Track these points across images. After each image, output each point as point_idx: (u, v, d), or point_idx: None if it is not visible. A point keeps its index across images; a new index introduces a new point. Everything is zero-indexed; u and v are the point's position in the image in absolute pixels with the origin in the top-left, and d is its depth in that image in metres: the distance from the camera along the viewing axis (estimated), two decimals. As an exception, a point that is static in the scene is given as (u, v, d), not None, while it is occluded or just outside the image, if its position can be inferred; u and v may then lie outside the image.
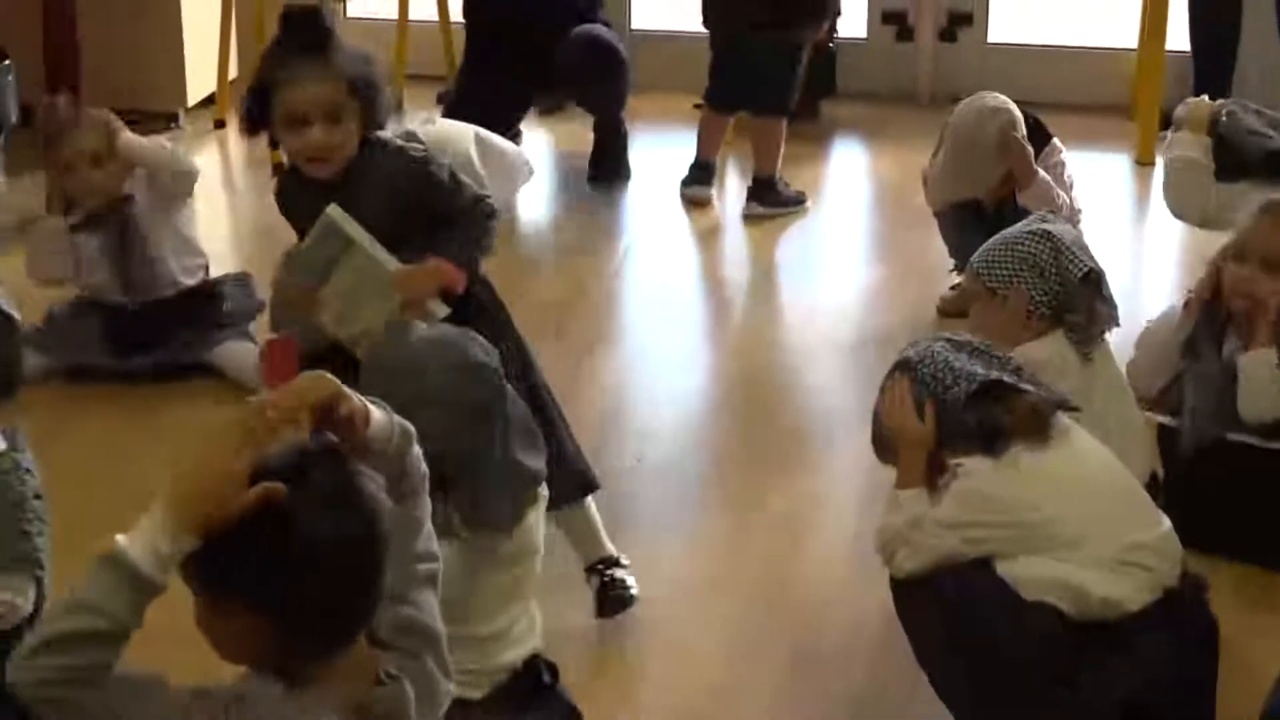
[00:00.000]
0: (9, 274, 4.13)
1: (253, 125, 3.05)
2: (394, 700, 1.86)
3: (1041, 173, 4.10)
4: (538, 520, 2.56)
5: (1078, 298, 3.08)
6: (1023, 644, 2.64)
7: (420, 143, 3.16)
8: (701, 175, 5.00)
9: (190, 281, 4.04)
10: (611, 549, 3.16)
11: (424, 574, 1.93)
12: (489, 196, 3.09)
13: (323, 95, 2.94)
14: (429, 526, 1.94)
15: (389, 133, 3.13)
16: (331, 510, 1.78)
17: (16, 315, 2.66)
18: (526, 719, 2.48)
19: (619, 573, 3.13)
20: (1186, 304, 3.40)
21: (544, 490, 2.55)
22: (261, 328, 3.91)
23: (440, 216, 3.00)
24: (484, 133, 4.57)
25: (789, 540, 3.46)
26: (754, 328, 4.55)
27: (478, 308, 3.04)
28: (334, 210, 2.92)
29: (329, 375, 1.83)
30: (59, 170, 3.96)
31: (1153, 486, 3.07)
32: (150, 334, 4.02)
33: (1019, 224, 3.26)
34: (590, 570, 3.10)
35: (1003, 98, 4.17)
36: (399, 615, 1.88)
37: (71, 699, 1.77)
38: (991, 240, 3.24)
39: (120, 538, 1.77)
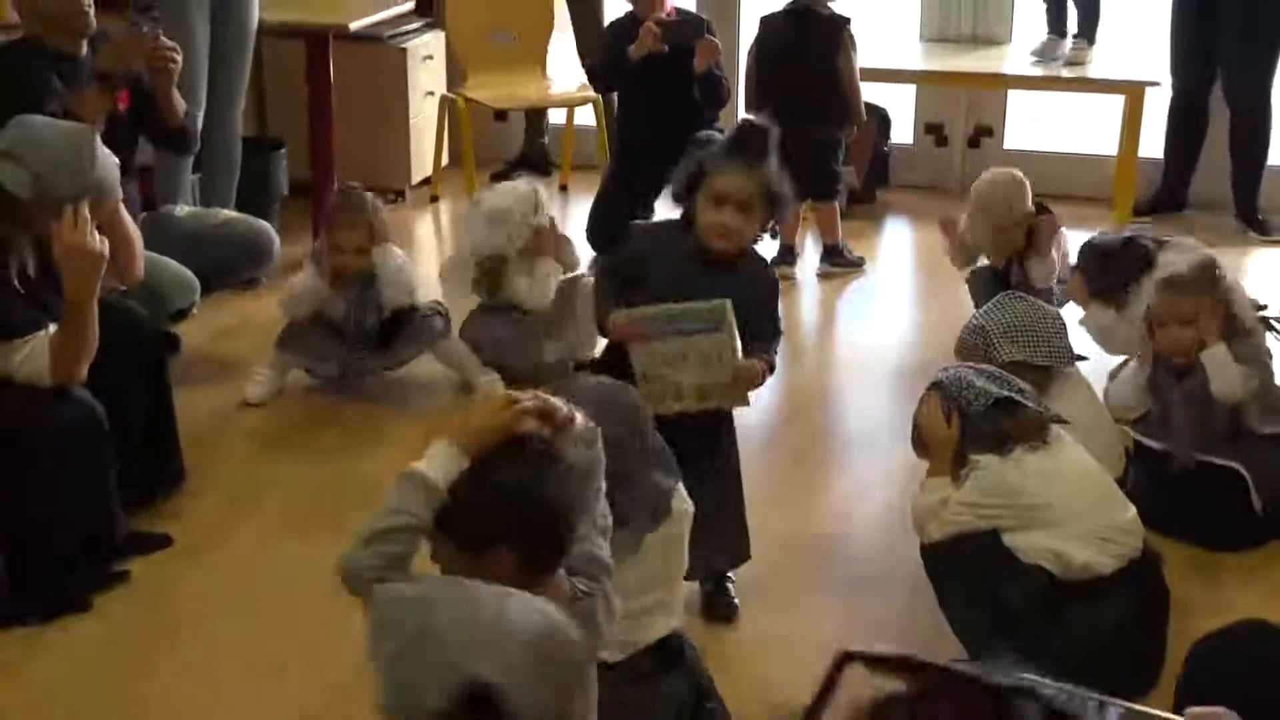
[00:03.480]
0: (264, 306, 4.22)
1: (681, 197, 2.89)
2: (588, 611, 1.87)
3: (1054, 254, 4.02)
4: (679, 530, 2.41)
5: (1010, 371, 3.01)
6: (1022, 596, 2.64)
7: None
8: (786, 257, 4.96)
9: (406, 302, 4.00)
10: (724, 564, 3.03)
11: (601, 524, 1.98)
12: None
13: (743, 187, 2.80)
14: (604, 493, 2.00)
15: None
16: (562, 470, 1.86)
17: None
18: (654, 688, 2.37)
19: (730, 586, 3.01)
20: (1139, 359, 3.36)
21: (687, 506, 2.41)
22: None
23: (763, 332, 2.85)
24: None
25: (845, 514, 3.47)
26: (822, 357, 4.53)
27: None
28: (728, 306, 2.74)
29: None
30: (330, 248, 3.96)
31: (1120, 483, 3.05)
32: (374, 344, 3.99)
33: (984, 307, 3.27)
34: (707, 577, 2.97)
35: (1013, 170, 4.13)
36: (584, 550, 1.93)
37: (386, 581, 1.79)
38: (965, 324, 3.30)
39: (414, 464, 1.84)
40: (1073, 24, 5.42)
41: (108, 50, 3.74)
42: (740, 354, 2.78)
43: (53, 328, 2.99)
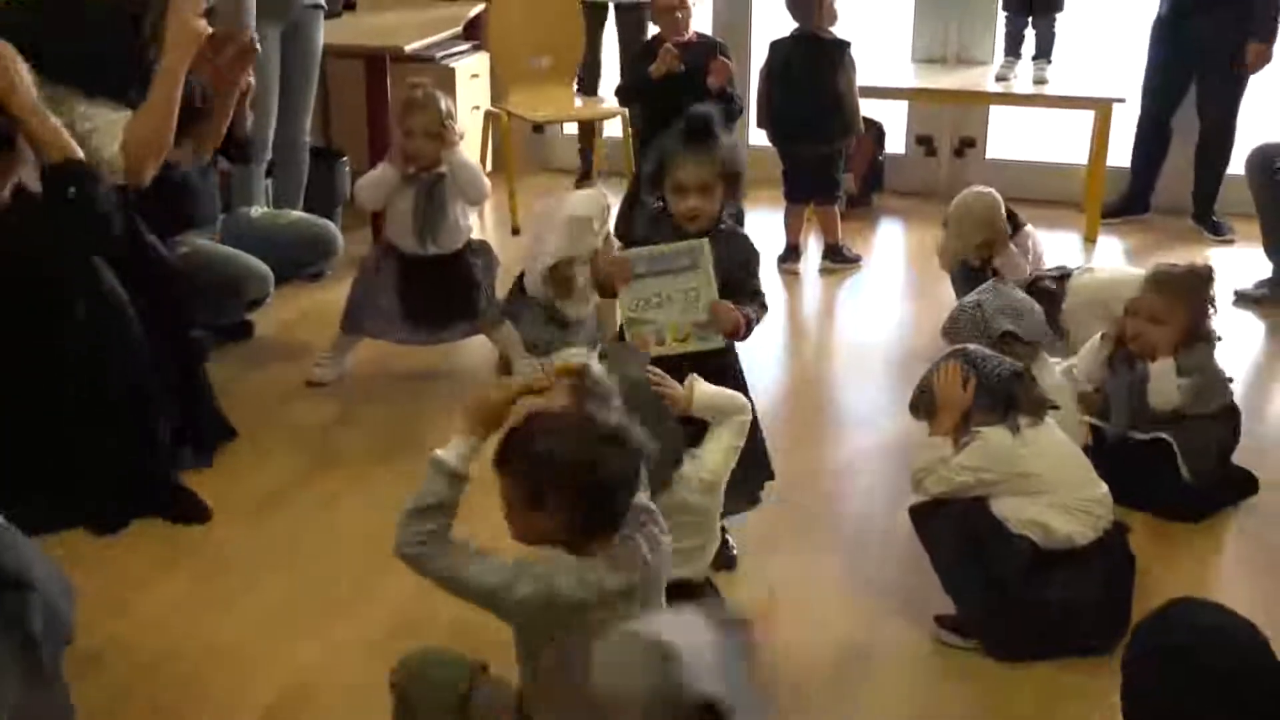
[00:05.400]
0: (329, 296, 4.20)
1: (651, 187, 2.87)
2: (630, 551, 1.89)
3: (1011, 247, 4.00)
4: (711, 496, 2.43)
5: (999, 347, 3.02)
6: (1007, 562, 2.61)
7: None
8: (792, 255, 4.94)
9: (459, 245, 3.87)
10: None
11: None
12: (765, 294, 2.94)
13: (700, 174, 2.77)
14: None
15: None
16: (620, 446, 1.87)
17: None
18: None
19: (729, 539, 2.95)
20: (1103, 336, 3.29)
21: (704, 475, 2.43)
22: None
23: (743, 290, 2.84)
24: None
25: (843, 482, 3.44)
26: (824, 343, 4.49)
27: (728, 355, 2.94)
28: (705, 244, 2.77)
29: (583, 356, 1.95)
30: (405, 134, 3.78)
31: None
32: (433, 283, 3.84)
33: (977, 290, 3.25)
34: None
35: (989, 189, 4.11)
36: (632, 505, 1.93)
37: (427, 553, 1.88)
38: (957, 304, 3.31)
39: (437, 450, 1.93)
40: (1029, 48, 5.37)
41: (224, 65, 3.71)
42: (716, 294, 2.77)
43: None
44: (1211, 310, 3.22)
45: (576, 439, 1.85)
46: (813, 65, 4.70)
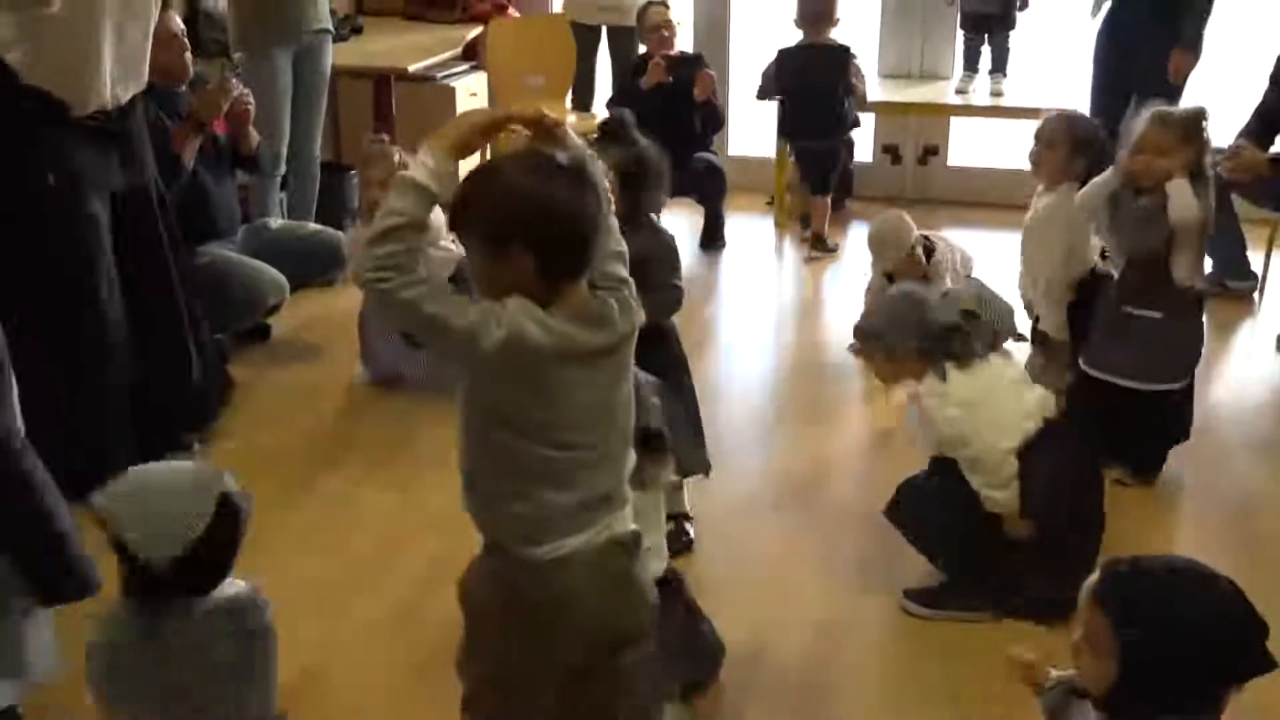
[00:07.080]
0: (339, 301, 4.27)
1: None
2: (602, 305, 1.75)
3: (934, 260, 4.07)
4: (659, 493, 2.26)
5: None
6: (972, 511, 2.73)
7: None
8: (819, 244, 5.16)
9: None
10: (688, 507, 2.98)
11: (616, 250, 1.83)
12: (682, 288, 2.95)
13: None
14: (615, 224, 1.83)
15: None
16: (581, 182, 1.71)
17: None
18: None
19: (688, 526, 2.97)
20: (1113, 170, 3.33)
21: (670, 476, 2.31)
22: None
23: (650, 280, 2.76)
24: None
25: (823, 463, 3.50)
26: (805, 328, 4.57)
27: (665, 339, 2.94)
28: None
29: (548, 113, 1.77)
30: (365, 184, 3.93)
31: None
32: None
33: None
34: (669, 518, 2.70)
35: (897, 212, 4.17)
36: (604, 270, 1.79)
37: (391, 278, 1.63)
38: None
39: (403, 172, 1.70)
40: (986, 63, 5.51)
41: (202, 100, 3.85)
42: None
43: None
44: (1209, 153, 3.24)
45: (532, 174, 1.68)
46: (824, 70, 4.95)
